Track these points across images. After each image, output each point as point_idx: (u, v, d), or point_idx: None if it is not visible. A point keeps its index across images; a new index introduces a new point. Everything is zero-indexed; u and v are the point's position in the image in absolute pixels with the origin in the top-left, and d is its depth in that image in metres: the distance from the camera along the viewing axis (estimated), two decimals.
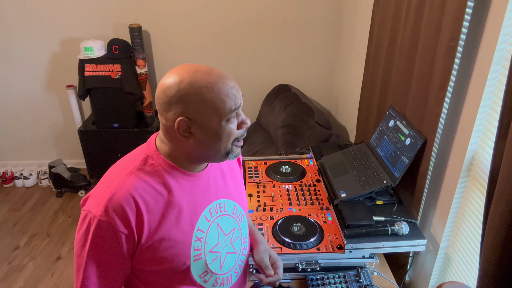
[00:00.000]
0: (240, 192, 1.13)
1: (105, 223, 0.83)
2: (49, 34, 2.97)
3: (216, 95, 0.83)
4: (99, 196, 0.86)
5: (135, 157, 0.92)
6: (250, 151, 2.73)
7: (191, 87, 0.82)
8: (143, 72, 2.95)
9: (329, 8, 2.92)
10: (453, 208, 1.43)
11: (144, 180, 0.88)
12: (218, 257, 1.01)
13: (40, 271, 2.44)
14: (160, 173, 0.90)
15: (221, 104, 0.84)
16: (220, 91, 0.84)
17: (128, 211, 0.84)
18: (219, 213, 1.01)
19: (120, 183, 0.86)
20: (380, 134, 1.78)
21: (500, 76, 1.18)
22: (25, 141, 3.39)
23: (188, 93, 0.82)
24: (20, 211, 3.00)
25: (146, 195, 0.87)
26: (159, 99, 0.86)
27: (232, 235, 1.05)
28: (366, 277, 1.39)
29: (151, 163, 0.90)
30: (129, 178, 0.87)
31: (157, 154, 0.91)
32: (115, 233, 0.84)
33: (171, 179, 0.91)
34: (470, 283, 1.36)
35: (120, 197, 0.84)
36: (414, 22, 1.50)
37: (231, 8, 2.93)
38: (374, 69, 1.99)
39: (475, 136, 1.29)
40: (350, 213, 1.46)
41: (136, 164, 0.90)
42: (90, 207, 0.86)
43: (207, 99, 0.83)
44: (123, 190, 0.85)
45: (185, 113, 0.84)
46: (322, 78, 3.21)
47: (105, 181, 0.90)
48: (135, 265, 0.91)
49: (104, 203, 0.84)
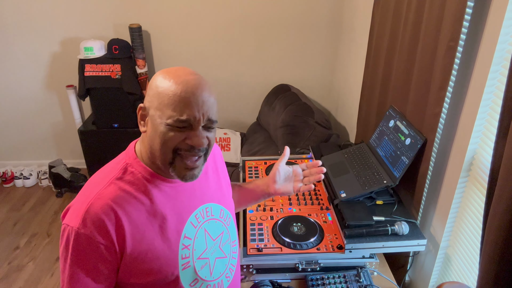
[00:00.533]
0: (226, 194, 1.10)
1: (83, 235, 0.80)
2: (49, 34, 2.97)
3: (171, 94, 0.80)
4: (77, 208, 0.83)
5: (114, 166, 0.89)
6: (250, 151, 2.73)
7: (157, 77, 0.84)
8: (143, 72, 2.95)
9: (329, 8, 2.92)
10: (453, 208, 1.43)
11: (123, 190, 0.85)
12: (207, 263, 0.98)
13: (40, 271, 2.44)
14: (141, 182, 0.87)
15: (167, 104, 0.81)
16: (177, 92, 0.80)
17: (107, 222, 0.81)
18: (205, 218, 0.98)
19: (98, 194, 0.83)
20: (380, 134, 1.78)
21: (500, 76, 1.18)
22: (25, 141, 3.39)
23: (152, 81, 0.85)
24: (20, 211, 3.00)
25: (127, 205, 0.84)
26: None
27: (220, 240, 1.02)
28: (366, 277, 1.39)
29: (131, 171, 0.87)
30: (107, 188, 0.84)
31: (137, 162, 0.89)
32: (94, 245, 0.81)
33: (153, 187, 0.88)
34: (470, 283, 1.36)
35: (98, 208, 0.81)
36: (414, 22, 1.50)
37: (231, 8, 2.93)
38: (374, 69, 1.99)
39: (475, 136, 1.29)
40: (350, 213, 1.46)
41: (115, 174, 0.87)
42: (68, 220, 0.83)
43: (160, 92, 0.82)
44: (101, 201, 0.82)
45: (146, 101, 0.86)
46: (322, 78, 3.21)
47: (83, 193, 0.87)
48: (122, 279, 0.88)
49: (82, 215, 0.81)
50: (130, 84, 2.83)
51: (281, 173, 1.17)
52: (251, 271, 1.41)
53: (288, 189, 1.17)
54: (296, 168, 1.19)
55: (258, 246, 1.42)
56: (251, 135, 3.02)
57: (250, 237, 1.46)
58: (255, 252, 1.40)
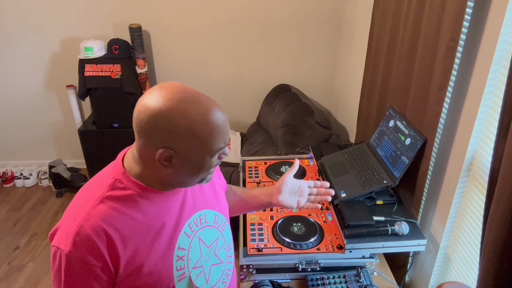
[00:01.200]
0: (220, 199, 1.08)
1: (75, 258, 0.78)
2: (49, 34, 2.97)
3: (209, 133, 0.79)
4: (66, 230, 0.80)
5: (102, 182, 0.86)
6: (250, 151, 2.73)
7: (185, 121, 0.76)
8: (143, 72, 2.95)
9: (329, 8, 2.92)
10: (453, 208, 1.43)
11: (113, 208, 0.82)
12: (202, 271, 0.96)
13: (40, 271, 2.44)
14: (131, 197, 0.84)
15: (212, 142, 0.80)
16: (213, 128, 0.79)
17: (98, 243, 0.78)
18: (199, 226, 0.96)
19: (87, 214, 0.80)
20: (380, 134, 1.78)
21: (500, 76, 1.18)
22: (25, 141, 3.39)
23: (180, 126, 0.76)
24: (20, 211, 3.00)
25: (117, 223, 0.81)
26: (142, 121, 0.77)
27: (215, 246, 1.00)
28: (366, 277, 1.39)
29: (120, 187, 0.84)
30: (96, 208, 0.81)
31: (126, 177, 0.85)
32: (88, 267, 0.79)
33: (144, 201, 0.85)
34: (470, 283, 1.36)
35: (88, 229, 0.78)
36: (414, 22, 1.50)
37: (231, 8, 2.93)
38: (374, 69, 1.99)
39: (475, 136, 1.29)
40: (350, 213, 1.46)
41: (103, 190, 0.83)
42: (58, 243, 0.80)
43: (199, 136, 0.78)
44: (92, 222, 0.79)
45: (171, 144, 0.78)
46: (322, 78, 3.21)
47: (71, 213, 0.83)
48: None
49: (72, 237, 0.78)
50: (130, 84, 2.83)
51: (288, 185, 1.14)
52: (251, 271, 1.41)
53: (291, 203, 1.14)
54: (303, 184, 1.16)
55: (258, 246, 1.42)
56: (251, 135, 3.02)
57: (250, 237, 1.46)
58: (255, 252, 1.40)
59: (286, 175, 1.15)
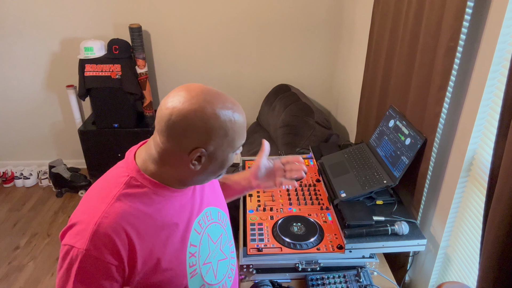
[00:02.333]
0: (219, 196, 1.10)
1: (92, 257, 0.77)
2: (49, 34, 2.97)
3: (238, 131, 0.84)
4: (82, 228, 0.79)
5: (116, 180, 0.85)
6: (250, 151, 2.73)
7: (217, 120, 0.79)
8: (143, 72, 2.95)
9: (329, 8, 2.92)
10: (453, 208, 1.43)
11: (131, 205, 0.82)
12: (211, 267, 0.97)
13: (40, 271, 2.44)
14: (147, 195, 0.84)
15: (237, 139, 0.85)
16: (239, 125, 0.84)
17: (117, 241, 0.78)
18: (207, 222, 0.98)
19: (105, 211, 0.79)
20: (380, 134, 1.78)
21: (500, 76, 1.18)
22: (25, 141, 3.39)
23: (213, 125, 0.79)
24: (20, 211, 3.00)
25: (136, 221, 0.81)
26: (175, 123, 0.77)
27: (220, 242, 1.02)
28: (366, 277, 1.39)
29: (135, 184, 0.84)
30: (114, 205, 0.81)
31: (141, 175, 0.85)
32: (105, 266, 0.78)
33: (160, 199, 0.86)
34: (470, 283, 1.36)
35: (107, 227, 0.78)
36: (414, 22, 1.50)
37: (231, 8, 2.93)
38: (374, 69, 1.99)
39: (475, 136, 1.29)
40: (350, 213, 1.46)
41: (119, 188, 0.83)
42: (72, 241, 0.79)
43: (229, 134, 0.82)
44: (110, 219, 0.79)
45: (204, 144, 0.80)
46: (322, 78, 3.21)
47: (86, 210, 0.83)
48: None
49: (89, 235, 0.77)
50: (130, 84, 2.83)
51: (262, 168, 1.16)
52: (251, 271, 1.42)
53: (269, 184, 1.17)
54: (277, 163, 1.18)
55: (258, 246, 1.42)
56: (251, 135, 3.02)
57: (250, 237, 1.46)
58: (255, 252, 1.40)
59: (259, 160, 1.16)
